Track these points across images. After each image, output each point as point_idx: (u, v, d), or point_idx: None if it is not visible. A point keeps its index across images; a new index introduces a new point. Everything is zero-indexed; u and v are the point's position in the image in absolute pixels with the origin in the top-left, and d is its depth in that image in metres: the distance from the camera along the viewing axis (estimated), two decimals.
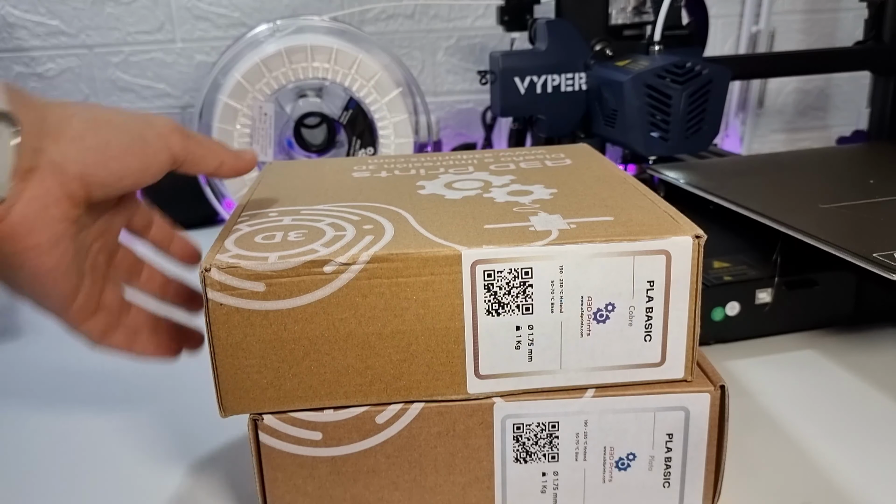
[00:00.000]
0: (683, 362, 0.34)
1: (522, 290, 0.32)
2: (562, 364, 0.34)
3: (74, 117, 0.33)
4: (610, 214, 0.35)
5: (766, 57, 0.98)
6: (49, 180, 0.31)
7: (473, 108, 1.11)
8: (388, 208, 0.38)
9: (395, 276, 0.32)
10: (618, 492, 0.36)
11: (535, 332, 0.33)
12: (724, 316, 0.51)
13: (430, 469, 0.35)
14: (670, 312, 0.33)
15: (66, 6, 1.00)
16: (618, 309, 0.33)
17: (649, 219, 0.34)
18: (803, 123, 1.23)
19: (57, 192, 0.31)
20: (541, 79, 0.73)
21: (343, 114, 0.84)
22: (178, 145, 0.36)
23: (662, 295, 0.33)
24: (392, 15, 1.06)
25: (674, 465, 0.35)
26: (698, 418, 0.34)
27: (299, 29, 0.86)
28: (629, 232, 0.33)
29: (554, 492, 0.36)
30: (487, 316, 0.32)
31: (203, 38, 1.04)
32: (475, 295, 0.32)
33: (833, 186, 0.61)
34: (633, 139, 0.67)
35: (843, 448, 0.41)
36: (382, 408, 0.34)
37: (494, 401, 0.34)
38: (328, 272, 0.31)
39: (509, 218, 0.35)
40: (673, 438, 0.35)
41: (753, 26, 1.13)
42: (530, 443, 0.35)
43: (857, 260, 0.43)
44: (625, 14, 0.74)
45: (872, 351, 0.51)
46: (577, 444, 0.35)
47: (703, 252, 0.33)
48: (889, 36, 0.78)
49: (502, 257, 0.32)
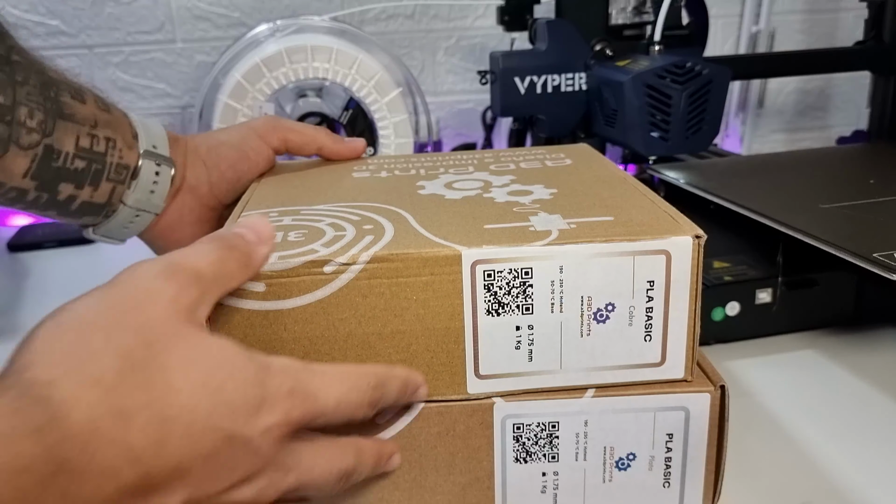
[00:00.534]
0: (683, 362, 0.34)
1: (522, 290, 0.32)
2: (562, 364, 0.34)
3: (201, 146, 0.48)
4: (610, 214, 0.35)
5: (766, 57, 0.98)
6: (187, 197, 0.47)
7: (473, 108, 1.11)
8: (387, 208, 0.38)
9: (396, 276, 0.31)
10: (618, 492, 0.36)
11: (535, 332, 0.33)
12: (724, 316, 0.51)
13: (430, 469, 0.35)
14: (670, 312, 0.33)
15: (66, 6, 1.00)
16: (618, 309, 0.33)
17: (649, 219, 0.34)
18: (803, 123, 1.23)
19: (192, 204, 0.48)
20: (541, 79, 0.73)
21: (343, 114, 0.84)
22: (277, 141, 0.48)
23: (662, 295, 0.33)
24: (392, 15, 1.06)
25: (674, 465, 0.35)
26: (698, 418, 0.34)
27: (299, 29, 0.86)
28: (629, 232, 0.33)
29: (554, 492, 0.35)
30: (487, 316, 0.32)
31: (203, 38, 1.04)
32: (475, 295, 0.32)
33: (833, 186, 0.61)
34: (633, 139, 0.67)
35: (843, 448, 0.41)
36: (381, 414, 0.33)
37: (494, 401, 0.34)
38: (328, 272, 0.31)
39: (509, 218, 0.35)
40: (673, 438, 0.35)
41: (753, 26, 1.13)
42: (530, 443, 0.35)
43: (857, 260, 0.43)
44: (625, 14, 0.74)
45: (872, 351, 0.51)
46: (577, 444, 0.35)
47: (703, 252, 0.33)
48: (889, 36, 0.78)
49: (502, 257, 0.32)
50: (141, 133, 0.46)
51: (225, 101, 0.81)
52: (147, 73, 1.05)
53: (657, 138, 0.67)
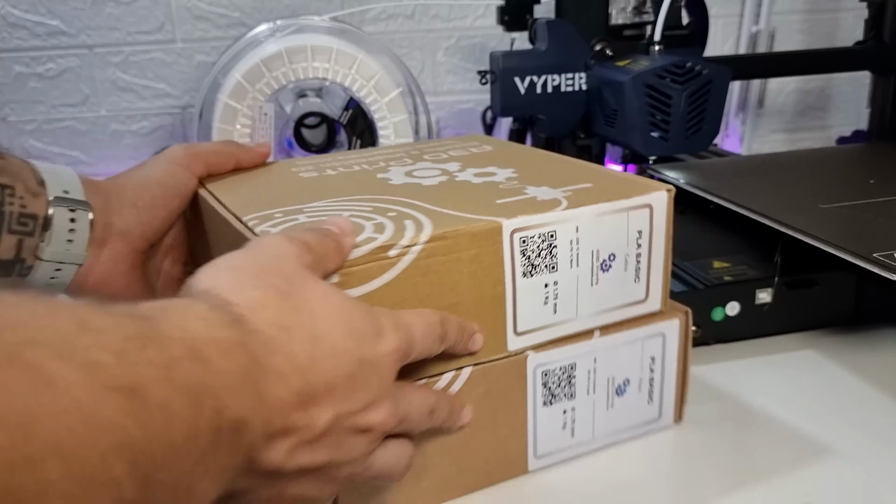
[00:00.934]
0: (660, 296, 0.40)
1: (549, 251, 0.36)
2: (577, 312, 0.38)
3: (126, 187, 0.43)
4: (584, 183, 0.40)
5: (766, 57, 0.98)
6: (119, 245, 0.42)
7: (473, 108, 1.11)
8: (390, 198, 0.39)
9: (449, 253, 0.34)
10: (617, 414, 0.41)
11: (558, 287, 0.37)
12: (724, 316, 0.51)
13: (476, 429, 0.37)
14: (652, 256, 0.39)
15: (66, 6, 1.00)
16: (618, 258, 0.38)
17: (621, 182, 0.40)
18: (803, 123, 1.23)
19: (124, 251, 0.42)
20: (541, 79, 0.73)
21: (343, 114, 0.84)
22: (201, 167, 0.45)
23: (647, 242, 0.39)
24: (392, 15, 1.06)
25: (655, 383, 0.42)
26: (672, 340, 0.41)
27: (299, 29, 0.86)
28: (616, 193, 0.37)
29: (572, 426, 0.40)
30: (523, 278, 0.36)
31: (203, 38, 1.04)
32: (514, 261, 0.35)
33: (833, 186, 0.61)
34: (633, 139, 0.67)
35: (843, 448, 0.41)
36: (437, 378, 0.35)
37: (528, 354, 0.37)
38: (392, 256, 0.33)
39: (506, 194, 0.38)
40: (654, 361, 0.41)
41: (753, 26, 1.13)
42: (555, 386, 0.39)
43: (857, 260, 0.43)
44: (625, 14, 0.74)
45: (872, 351, 0.51)
46: (588, 380, 0.39)
47: (673, 203, 0.39)
48: (889, 36, 0.78)
49: (533, 224, 0.35)
50: (48, 179, 0.40)
51: (225, 101, 0.81)
52: (147, 73, 1.05)
53: (657, 138, 0.67)
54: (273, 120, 0.83)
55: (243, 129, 0.82)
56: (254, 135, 0.83)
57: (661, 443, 0.43)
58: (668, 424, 0.43)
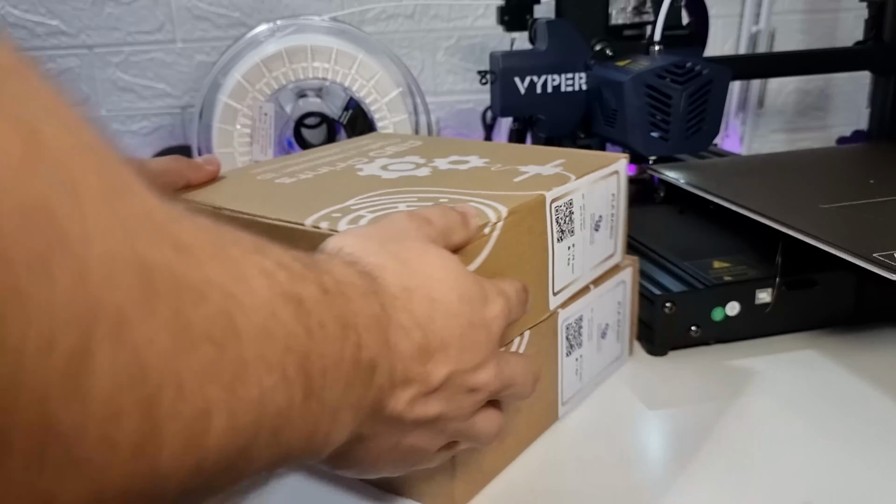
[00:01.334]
0: (622, 249, 0.47)
1: (570, 217, 0.41)
2: (584, 269, 0.43)
3: None
4: (556, 160, 0.45)
5: (766, 57, 0.98)
6: None
7: (473, 108, 1.11)
8: (408, 189, 0.40)
9: (518, 226, 0.37)
10: (601, 354, 0.47)
11: (575, 248, 0.42)
12: (724, 316, 0.51)
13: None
14: (619, 215, 0.46)
15: (66, 6, 1.00)
16: (604, 219, 0.44)
17: (586, 156, 0.46)
18: (803, 123, 1.23)
19: None
20: (541, 79, 0.73)
21: (343, 114, 0.84)
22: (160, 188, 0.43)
23: (618, 203, 0.45)
24: (392, 15, 1.06)
25: (622, 324, 0.49)
26: (629, 285, 0.49)
27: (299, 29, 0.86)
28: (593, 164, 0.43)
29: (581, 371, 0.45)
30: (558, 243, 0.40)
31: (203, 38, 1.04)
32: (552, 228, 0.40)
33: (833, 186, 0.61)
34: (633, 139, 0.67)
35: (843, 448, 0.41)
36: (509, 344, 0.38)
37: (559, 311, 0.42)
38: (487, 233, 0.35)
39: (511, 174, 0.42)
40: (620, 305, 0.48)
41: (753, 26, 1.13)
42: (573, 337, 0.44)
43: (857, 260, 0.43)
44: (625, 14, 0.74)
45: (872, 351, 0.51)
46: (588, 329, 0.45)
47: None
48: (889, 36, 0.78)
49: (563, 194, 0.40)
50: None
51: (225, 101, 0.81)
52: (147, 73, 1.05)
53: (657, 138, 0.67)
54: (273, 120, 0.83)
55: (243, 129, 0.82)
56: (254, 135, 0.83)
57: (661, 445, 0.43)
58: (626, 360, 0.50)
